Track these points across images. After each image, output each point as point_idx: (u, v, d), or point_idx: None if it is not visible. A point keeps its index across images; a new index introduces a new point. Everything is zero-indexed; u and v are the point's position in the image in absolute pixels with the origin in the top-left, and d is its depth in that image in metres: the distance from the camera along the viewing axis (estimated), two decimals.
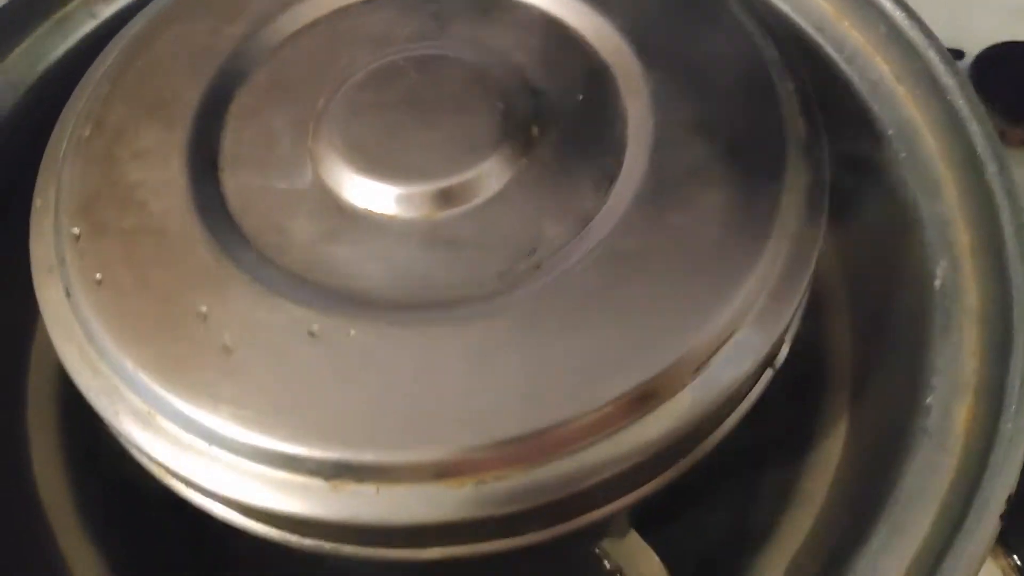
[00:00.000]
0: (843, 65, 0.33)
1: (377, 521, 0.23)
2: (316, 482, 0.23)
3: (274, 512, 0.23)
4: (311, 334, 0.24)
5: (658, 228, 0.25)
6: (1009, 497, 0.24)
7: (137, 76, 0.29)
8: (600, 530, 0.30)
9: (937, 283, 0.29)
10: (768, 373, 0.27)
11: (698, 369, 0.24)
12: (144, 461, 0.26)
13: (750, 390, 0.26)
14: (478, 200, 0.26)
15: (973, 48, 0.48)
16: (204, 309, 0.25)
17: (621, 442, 0.23)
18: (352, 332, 0.24)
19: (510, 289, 0.25)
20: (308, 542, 0.25)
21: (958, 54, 0.48)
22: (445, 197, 0.26)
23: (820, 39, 0.33)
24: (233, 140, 0.28)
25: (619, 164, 0.27)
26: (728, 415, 0.26)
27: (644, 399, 0.23)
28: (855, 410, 0.32)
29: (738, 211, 0.26)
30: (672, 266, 0.25)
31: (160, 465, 0.25)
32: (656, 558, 0.32)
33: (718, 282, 0.25)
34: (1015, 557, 0.34)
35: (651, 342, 0.24)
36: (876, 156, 0.32)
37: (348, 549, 0.25)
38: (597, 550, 0.36)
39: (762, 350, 0.25)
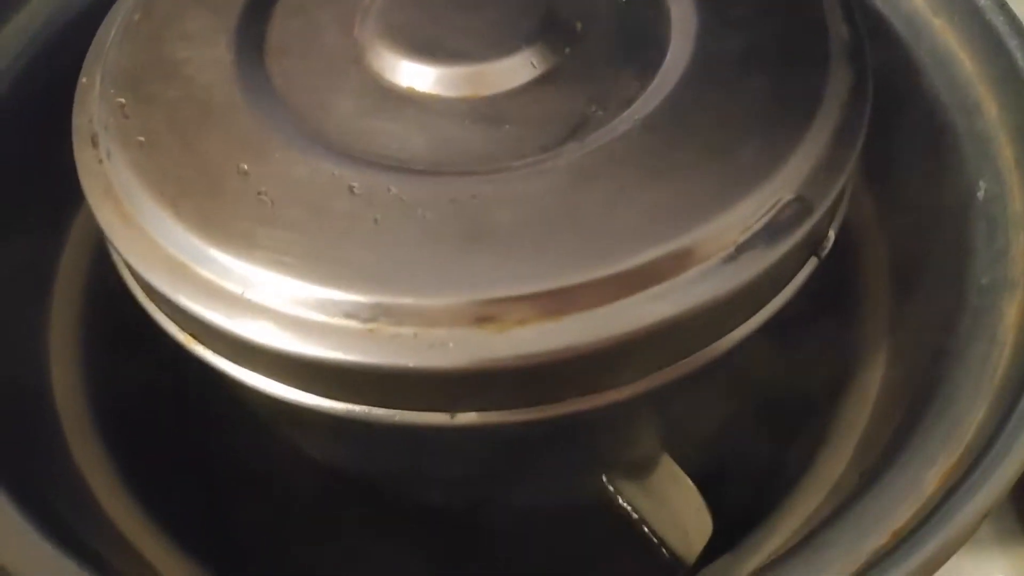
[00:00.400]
0: (878, 3, 0.33)
1: (414, 365, 0.22)
2: (353, 325, 0.23)
3: (309, 360, 0.23)
4: (351, 190, 0.24)
5: (702, 106, 0.26)
6: None
7: None
8: (633, 435, 0.29)
9: (980, 194, 0.29)
10: (812, 262, 0.26)
11: (744, 231, 0.23)
12: (171, 330, 0.26)
13: (793, 275, 0.26)
14: (520, 83, 0.27)
15: None
16: (245, 167, 0.25)
17: (662, 297, 0.23)
18: (392, 189, 0.24)
19: (552, 157, 0.25)
20: (339, 406, 0.24)
21: None
22: (487, 78, 0.26)
23: None
24: (280, 29, 0.29)
25: (662, 56, 0.27)
26: (769, 299, 0.26)
27: (686, 256, 0.23)
28: (896, 328, 0.31)
29: (783, 95, 0.26)
30: (716, 139, 0.25)
31: (192, 320, 0.24)
32: (691, 485, 0.30)
33: (764, 151, 0.24)
34: None
35: (695, 204, 0.24)
36: (911, 86, 0.32)
37: (379, 412, 0.24)
38: (620, 499, 0.35)
39: (807, 224, 0.24)
